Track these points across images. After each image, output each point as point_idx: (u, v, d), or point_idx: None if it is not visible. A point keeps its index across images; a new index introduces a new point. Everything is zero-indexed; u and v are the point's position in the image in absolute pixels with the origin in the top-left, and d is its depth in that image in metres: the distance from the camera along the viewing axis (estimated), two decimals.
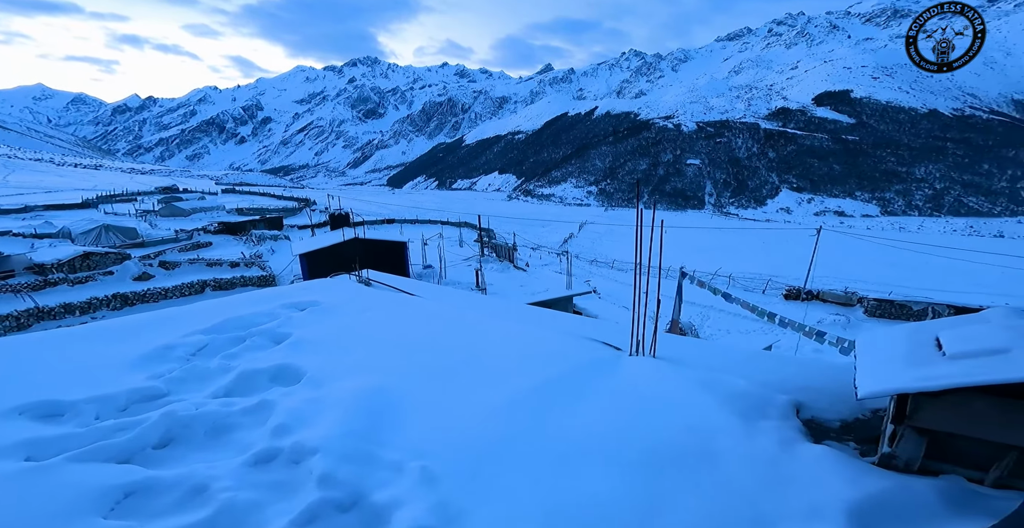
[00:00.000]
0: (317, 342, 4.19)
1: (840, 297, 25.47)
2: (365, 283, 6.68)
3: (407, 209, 59.10)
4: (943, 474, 2.43)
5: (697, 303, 23.06)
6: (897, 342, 2.94)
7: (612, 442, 2.74)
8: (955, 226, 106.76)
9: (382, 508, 2.18)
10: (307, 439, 2.63)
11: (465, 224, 50.52)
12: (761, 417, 2.94)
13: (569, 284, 20.12)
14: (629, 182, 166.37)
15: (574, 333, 5.07)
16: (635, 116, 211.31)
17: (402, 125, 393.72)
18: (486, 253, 27.98)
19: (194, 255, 25.84)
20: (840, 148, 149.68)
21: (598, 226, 66.71)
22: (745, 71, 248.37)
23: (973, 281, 31.44)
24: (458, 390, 3.40)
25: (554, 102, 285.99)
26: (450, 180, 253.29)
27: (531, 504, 2.23)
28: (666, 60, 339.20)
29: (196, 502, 2.19)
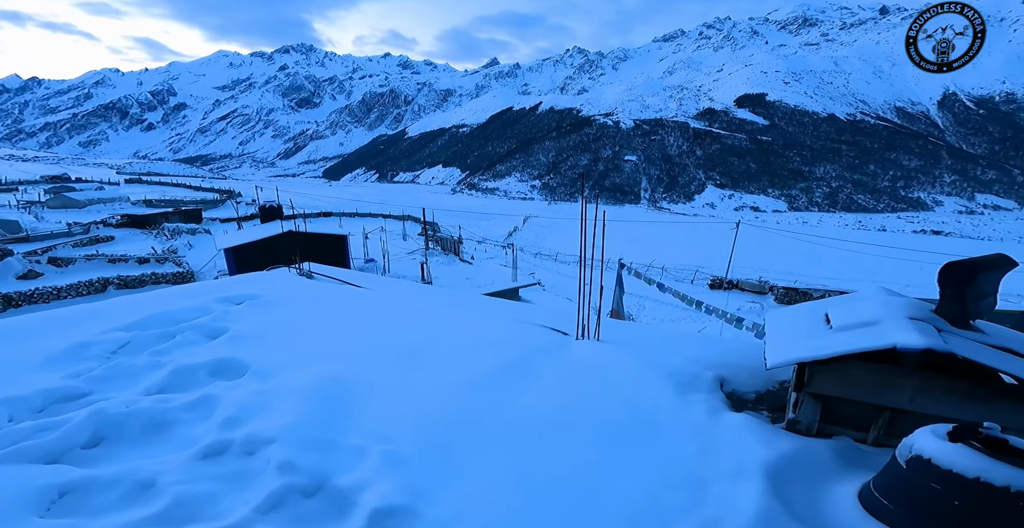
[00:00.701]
0: (259, 335, 4.01)
1: (755, 286, 28.01)
2: (307, 276, 6.42)
3: (346, 202, 56.36)
4: (836, 435, 2.73)
5: (635, 293, 24.23)
6: (797, 318, 3.29)
7: (565, 417, 2.91)
8: (847, 221, 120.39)
9: (348, 490, 2.20)
10: (261, 430, 2.57)
11: (408, 217, 49.28)
12: (692, 391, 3.23)
13: (515, 276, 20.47)
14: (572, 176, 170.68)
15: (522, 320, 5.24)
16: (578, 112, 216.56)
17: (340, 115, 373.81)
18: (431, 246, 27.56)
19: (92, 250, 23.09)
20: (756, 148, 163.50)
21: (542, 219, 67.87)
22: (678, 72, 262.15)
23: (859, 269, 35.94)
24: (415, 375, 3.43)
25: (499, 96, 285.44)
26: (392, 173, 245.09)
27: (494, 478, 2.35)
28: (607, 58, 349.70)
29: (144, 497, 2.11)
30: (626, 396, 3.17)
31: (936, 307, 2.80)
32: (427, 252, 22.28)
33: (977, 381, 2.44)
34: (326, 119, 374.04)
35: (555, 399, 3.13)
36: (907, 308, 2.78)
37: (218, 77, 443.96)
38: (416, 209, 46.14)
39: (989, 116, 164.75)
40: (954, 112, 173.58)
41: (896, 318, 2.65)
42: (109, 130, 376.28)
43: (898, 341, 2.40)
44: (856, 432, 2.72)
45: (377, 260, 21.27)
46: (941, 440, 1.92)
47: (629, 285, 20.88)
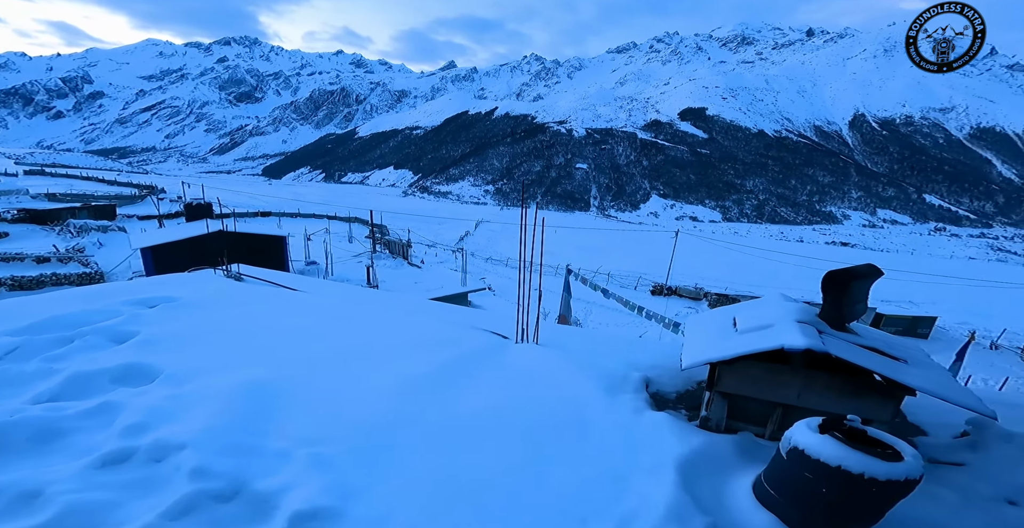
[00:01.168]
0: (175, 339, 3.78)
1: (692, 292, 29.76)
2: (235, 278, 6.08)
3: (287, 202, 53.45)
4: (740, 431, 2.95)
5: (582, 299, 24.78)
6: (711, 322, 3.56)
7: (499, 418, 2.99)
8: (771, 232, 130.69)
9: (269, 494, 2.16)
10: (171, 435, 2.47)
11: (356, 219, 47.60)
12: (620, 391, 3.41)
13: (464, 281, 20.40)
14: (525, 182, 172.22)
15: (464, 324, 5.30)
16: (532, 119, 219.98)
17: (284, 112, 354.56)
18: (379, 249, 26.82)
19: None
20: (696, 160, 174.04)
21: (494, 224, 68.09)
22: (629, 83, 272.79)
23: (781, 277, 39.12)
24: (348, 378, 3.39)
25: (455, 99, 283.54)
26: (340, 173, 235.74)
27: (426, 477, 2.38)
28: (563, 67, 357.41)
29: (30, 507, 1.98)
30: (559, 397, 3.29)
31: (819, 312, 3.11)
32: (374, 255, 21.63)
33: (849, 378, 2.73)
34: (269, 115, 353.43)
35: (490, 400, 3.21)
36: (797, 312, 3.08)
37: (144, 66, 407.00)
38: (364, 211, 44.70)
39: (891, 137, 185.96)
40: (862, 132, 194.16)
41: (786, 321, 2.93)
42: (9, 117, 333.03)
43: (784, 342, 2.65)
44: (757, 427, 2.96)
45: (319, 263, 20.37)
46: (813, 432, 2.05)
47: (577, 291, 21.42)
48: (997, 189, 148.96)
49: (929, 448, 3.00)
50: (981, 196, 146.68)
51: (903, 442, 2.05)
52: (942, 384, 2.70)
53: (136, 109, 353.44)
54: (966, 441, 3.05)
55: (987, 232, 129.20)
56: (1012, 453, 2.85)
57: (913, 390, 2.60)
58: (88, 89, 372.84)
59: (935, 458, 2.91)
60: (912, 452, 1.99)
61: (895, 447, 2.03)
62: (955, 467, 2.82)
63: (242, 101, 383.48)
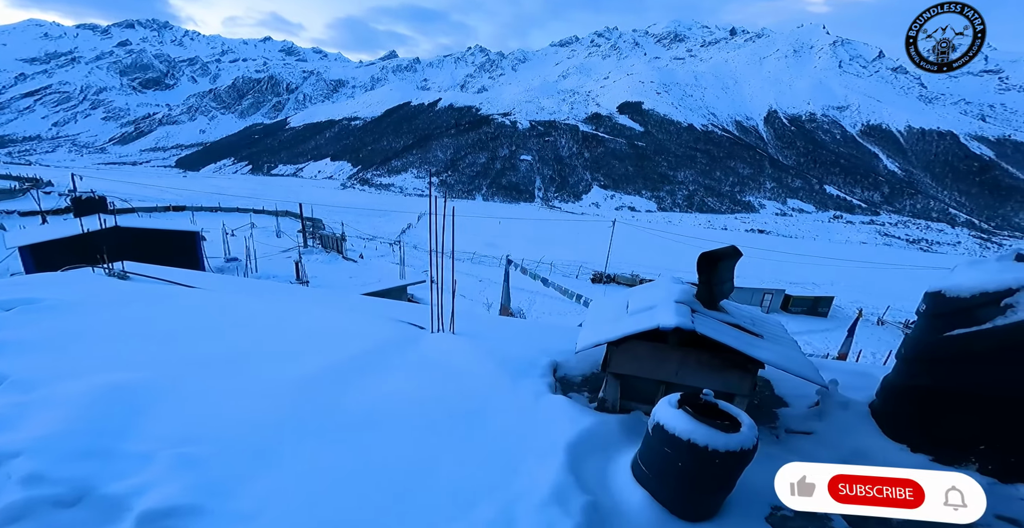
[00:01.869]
0: (29, 344, 3.39)
1: (628, 279, 31.15)
2: (119, 276, 5.47)
3: (206, 195, 49.10)
4: (633, 411, 3.02)
5: (525, 289, 25.10)
6: (608, 306, 3.67)
7: (401, 408, 2.94)
8: (700, 221, 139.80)
9: (120, 497, 2.06)
10: (3, 443, 2.28)
11: (286, 213, 44.78)
12: (525, 377, 3.43)
13: (403, 274, 19.89)
14: (470, 174, 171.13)
15: (384, 316, 5.17)
16: (477, 110, 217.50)
17: (201, 100, 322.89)
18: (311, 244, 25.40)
19: None
20: (633, 152, 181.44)
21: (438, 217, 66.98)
22: (571, 76, 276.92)
23: None
24: (239, 377, 3.21)
25: (396, 90, 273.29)
26: (269, 165, 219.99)
27: (311, 470, 2.30)
28: (507, 59, 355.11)
29: None
30: (465, 385, 3.29)
31: (695, 292, 3.28)
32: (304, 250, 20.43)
33: (716, 354, 2.88)
34: (183, 103, 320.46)
35: (393, 392, 3.15)
36: (679, 293, 3.21)
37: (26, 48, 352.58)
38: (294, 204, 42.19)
39: (798, 132, 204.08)
40: (775, 127, 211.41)
41: (666, 302, 3.07)
42: None
43: (660, 322, 2.80)
44: (647, 406, 3.04)
45: (240, 258, 18.90)
46: (672, 407, 2.12)
47: (521, 281, 21.61)
48: (883, 180, 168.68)
49: (788, 419, 3.21)
50: (870, 187, 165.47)
51: (745, 414, 2.13)
52: (789, 357, 2.90)
53: (16, 94, 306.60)
54: (816, 411, 3.25)
55: (875, 219, 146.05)
56: (848, 419, 3.07)
57: (762, 363, 2.76)
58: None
59: (791, 428, 3.10)
60: (748, 423, 2.06)
61: (737, 418, 2.10)
62: (805, 436, 3.01)
63: (149, 87, 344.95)
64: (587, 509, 2.11)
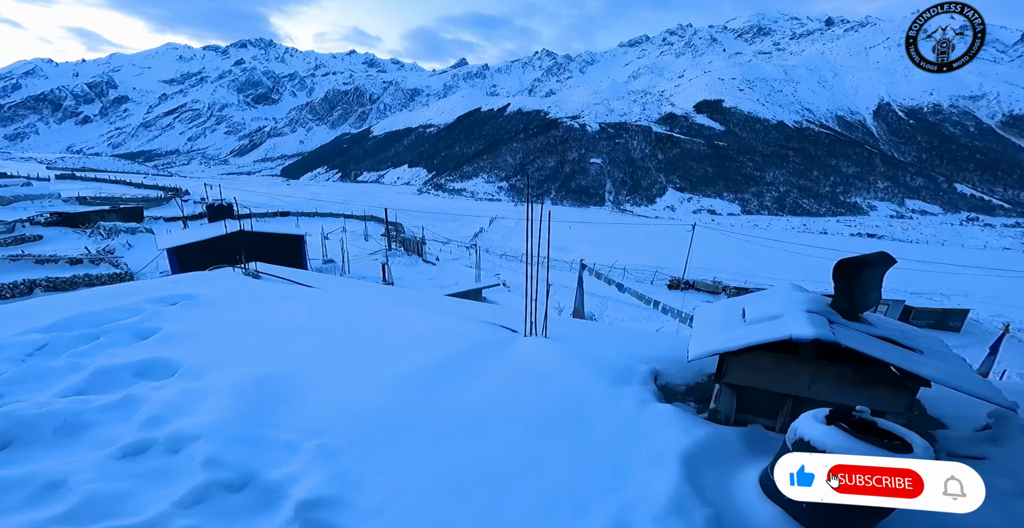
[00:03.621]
0: (194, 335, 3.92)
1: (710, 286, 29.30)
2: (253, 275, 6.24)
3: (305, 201, 54.41)
4: (750, 424, 2.90)
5: (597, 294, 24.67)
6: (719, 314, 3.51)
7: (502, 409, 3.02)
8: (793, 224, 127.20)
9: (277, 484, 2.23)
10: (186, 428, 2.55)
11: (371, 218, 48.18)
12: (625, 383, 3.39)
13: (478, 277, 20.48)
14: (539, 178, 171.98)
15: (474, 318, 5.34)
16: (545, 114, 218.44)
17: (300, 112, 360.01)
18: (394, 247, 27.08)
19: (17, 250, 21.23)
20: (713, 153, 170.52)
21: (508, 221, 68.12)
22: (642, 76, 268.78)
23: (803, 270, 38.16)
24: (358, 371, 3.46)
25: (468, 97, 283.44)
26: (355, 172, 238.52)
27: (425, 467, 2.43)
28: (575, 62, 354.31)
29: (53, 496, 2.07)
30: (563, 389, 3.29)
31: (831, 301, 3.05)
32: (389, 253, 21.89)
33: (860, 368, 2.66)
34: (285, 116, 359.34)
35: (494, 392, 3.24)
36: (807, 302, 3.02)
37: (165, 70, 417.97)
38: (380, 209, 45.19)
39: (918, 126, 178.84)
40: (887, 121, 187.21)
41: (796, 311, 2.88)
42: (39, 123, 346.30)
43: (793, 332, 2.62)
44: (766, 420, 2.91)
45: (336, 261, 20.71)
46: (819, 423, 2.04)
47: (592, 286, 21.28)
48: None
49: (949, 441, 2.92)
50: (1015, 184, 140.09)
51: (914, 434, 1.98)
52: (959, 375, 2.61)
53: (159, 113, 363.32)
54: (987, 434, 2.96)
55: (1022, 222, 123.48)
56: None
57: (928, 381, 2.52)
58: (113, 94, 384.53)
59: (954, 452, 2.82)
60: (923, 444, 1.93)
61: (905, 439, 1.97)
62: (975, 461, 2.71)
63: (260, 103, 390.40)
64: (710, 522, 2.04)
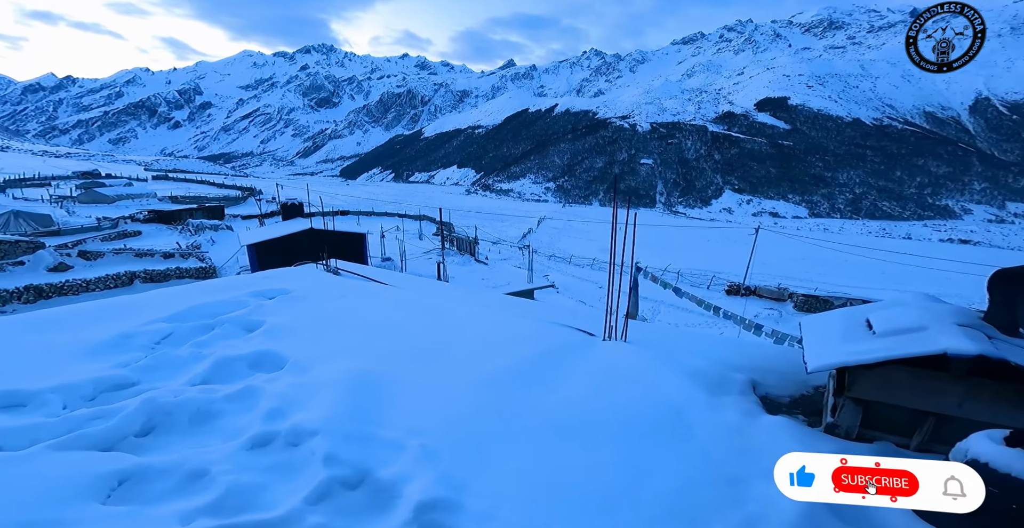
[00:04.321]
0: (293, 329, 4.09)
1: (774, 292, 27.57)
2: (334, 272, 6.53)
3: (362, 201, 56.94)
4: (876, 440, 2.73)
5: (649, 297, 24.00)
6: (834, 324, 3.32)
7: (594, 415, 2.93)
8: (870, 228, 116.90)
9: (390, 483, 2.24)
10: (304, 422, 2.62)
11: (424, 217, 49.58)
12: (723, 393, 3.25)
13: (530, 278, 20.48)
14: (586, 179, 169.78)
15: (544, 319, 5.27)
16: (594, 115, 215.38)
17: (358, 115, 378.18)
18: (447, 247, 27.70)
19: (120, 245, 23.73)
20: (776, 152, 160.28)
21: (556, 222, 67.72)
22: (697, 75, 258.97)
23: (883, 278, 34.98)
24: (444, 370, 3.47)
25: (515, 98, 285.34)
26: (407, 172, 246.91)
27: (526, 472, 2.38)
28: (624, 61, 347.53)
29: (198, 486, 2.15)
30: (656, 396, 3.19)
31: (985, 314, 2.80)
32: (443, 252, 22.43)
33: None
34: (344, 118, 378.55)
35: (583, 396, 3.16)
36: (953, 315, 2.79)
37: (242, 76, 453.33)
38: (430, 209, 46.42)
39: (1022, 121, 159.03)
40: (986, 117, 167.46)
41: (943, 324, 2.66)
42: (138, 128, 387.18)
43: (949, 347, 2.40)
44: (898, 437, 2.72)
45: (394, 259, 21.48)
46: (998, 445, 1.96)
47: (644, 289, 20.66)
48: None
49: None
50: None
51: None
52: None
53: (237, 117, 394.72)
54: None
55: None
56: None
57: None
58: (199, 100, 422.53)
59: None
60: None
61: None
62: None
63: (322, 106, 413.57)
64: None
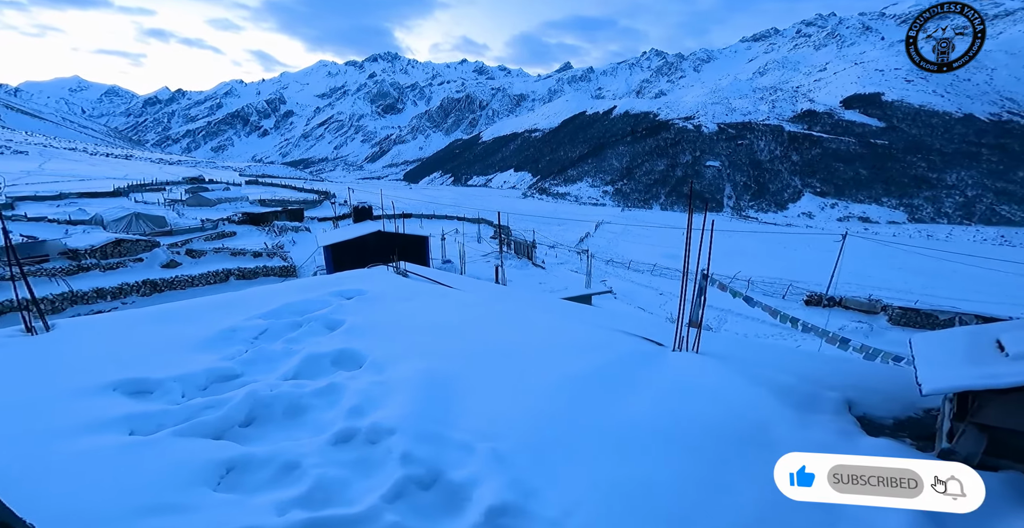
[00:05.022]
0: (370, 328, 4.28)
1: (863, 304, 24.99)
2: (402, 274, 6.81)
3: (424, 204, 59.20)
4: (1002, 469, 2.48)
5: (714, 306, 22.82)
6: (955, 344, 3.04)
7: (668, 427, 2.80)
8: (986, 235, 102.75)
9: (460, 486, 2.25)
10: (382, 420, 2.71)
11: (482, 220, 50.55)
12: (813, 411, 3.02)
13: (588, 283, 20.12)
14: (646, 182, 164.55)
15: (609, 327, 5.13)
16: (654, 116, 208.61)
17: (420, 120, 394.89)
18: (504, 250, 28.00)
19: (219, 244, 26.41)
20: (868, 152, 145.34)
21: (614, 226, 66.19)
22: (771, 72, 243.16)
23: (1000, 291, 30.38)
24: (510, 375, 3.47)
25: (572, 100, 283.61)
26: (466, 176, 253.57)
27: (597, 481, 2.32)
28: (688, 60, 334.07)
29: (290, 478, 2.27)
30: (736, 410, 3.02)
31: None
32: (501, 255, 22.68)
33: None
34: (408, 124, 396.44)
35: (657, 408, 3.04)
36: None
37: (319, 85, 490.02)
38: (488, 212, 47.21)
39: None
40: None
41: None
42: (234, 136, 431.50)
43: None
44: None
45: (454, 261, 22.08)
46: None
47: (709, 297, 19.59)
48: None
49: None
50: None
51: None
52: None
53: (314, 124, 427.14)
54: None
55: None
56: None
57: None
58: (283, 109, 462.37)
59: None
60: None
61: None
62: None
63: (387, 112, 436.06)
64: None
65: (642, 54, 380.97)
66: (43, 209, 35.54)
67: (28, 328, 3.87)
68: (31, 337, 3.82)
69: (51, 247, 20.04)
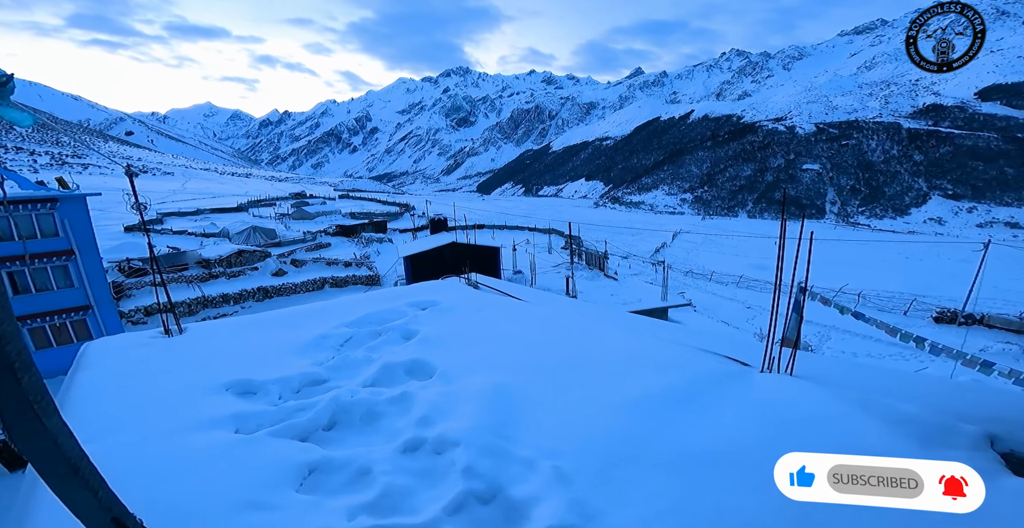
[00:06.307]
0: (441, 340, 4.43)
1: (1013, 323, 21.21)
2: (473, 286, 7.00)
3: (495, 215, 60.72)
4: None
5: (814, 322, 20.65)
6: None
7: (749, 455, 2.54)
8: None
9: (520, 503, 2.22)
10: (448, 431, 2.76)
11: (553, 231, 50.54)
12: (944, 446, 2.63)
13: (664, 295, 19.12)
14: (730, 189, 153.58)
15: (687, 344, 4.80)
16: (738, 119, 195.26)
17: (491, 132, 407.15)
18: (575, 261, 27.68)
19: (317, 255, 29.37)
20: (1013, 148, 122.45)
21: (693, 236, 62.49)
22: (880, 66, 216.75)
23: None
24: (578, 391, 3.38)
25: (645, 106, 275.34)
26: (536, 186, 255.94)
27: (664, 507, 2.17)
28: (775, 58, 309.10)
29: (362, 483, 2.38)
30: (836, 442, 2.63)
31: None
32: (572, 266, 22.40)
33: None
34: (480, 136, 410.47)
35: (735, 435, 2.78)
36: None
37: (399, 102, 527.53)
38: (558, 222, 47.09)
39: None
40: None
41: None
42: (329, 153, 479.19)
43: None
44: None
45: (524, 272, 22.29)
46: None
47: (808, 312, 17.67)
48: None
49: None
50: None
51: None
52: None
53: (396, 139, 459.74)
54: None
55: None
56: None
57: None
58: (369, 126, 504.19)
59: None
60: None
61: None
62: None
63: (461, 125, 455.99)
64: None
65: (721, 55, 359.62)
66: (184, 223, 42.22)
67: (166, 330, 4.59)
68: (167, 338, 4.50)
69: (190, 257, 23.67)
